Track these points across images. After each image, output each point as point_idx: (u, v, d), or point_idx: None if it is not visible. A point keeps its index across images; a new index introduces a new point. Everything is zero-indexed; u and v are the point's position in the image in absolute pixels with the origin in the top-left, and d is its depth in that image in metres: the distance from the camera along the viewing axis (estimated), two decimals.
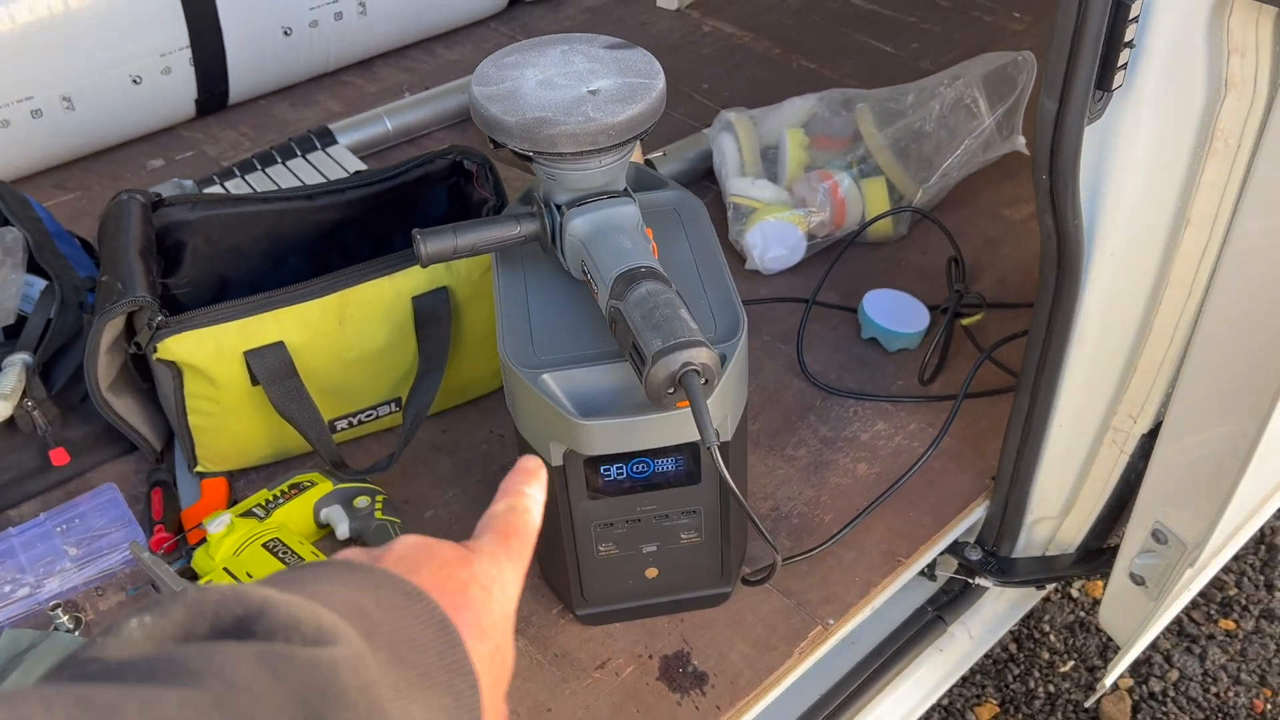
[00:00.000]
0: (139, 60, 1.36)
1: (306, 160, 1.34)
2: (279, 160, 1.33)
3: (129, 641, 0.28)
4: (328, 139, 1.37)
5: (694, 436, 0.71)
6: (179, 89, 1.42)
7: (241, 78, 1.48)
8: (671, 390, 0.66)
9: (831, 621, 0.83)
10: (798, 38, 1.66)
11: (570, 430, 0.70)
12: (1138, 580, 0.82)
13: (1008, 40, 1.61)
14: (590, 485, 0.75)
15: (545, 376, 0.71)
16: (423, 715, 0.31)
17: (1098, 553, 0.91)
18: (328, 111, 1.54)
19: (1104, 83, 0.65)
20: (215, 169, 1.37)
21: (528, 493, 0.43)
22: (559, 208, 0.76)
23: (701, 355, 0.65)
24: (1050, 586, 0.96)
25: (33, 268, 1.01)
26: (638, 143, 0.76)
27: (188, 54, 1.39)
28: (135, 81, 1.37)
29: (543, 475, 0.44)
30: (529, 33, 1.72)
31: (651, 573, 0.81)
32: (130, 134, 1.44)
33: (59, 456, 0.94)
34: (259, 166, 1.29)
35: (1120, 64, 0.64)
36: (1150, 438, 0.82)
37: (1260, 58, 0.64)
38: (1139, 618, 0.84)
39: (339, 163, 1.33)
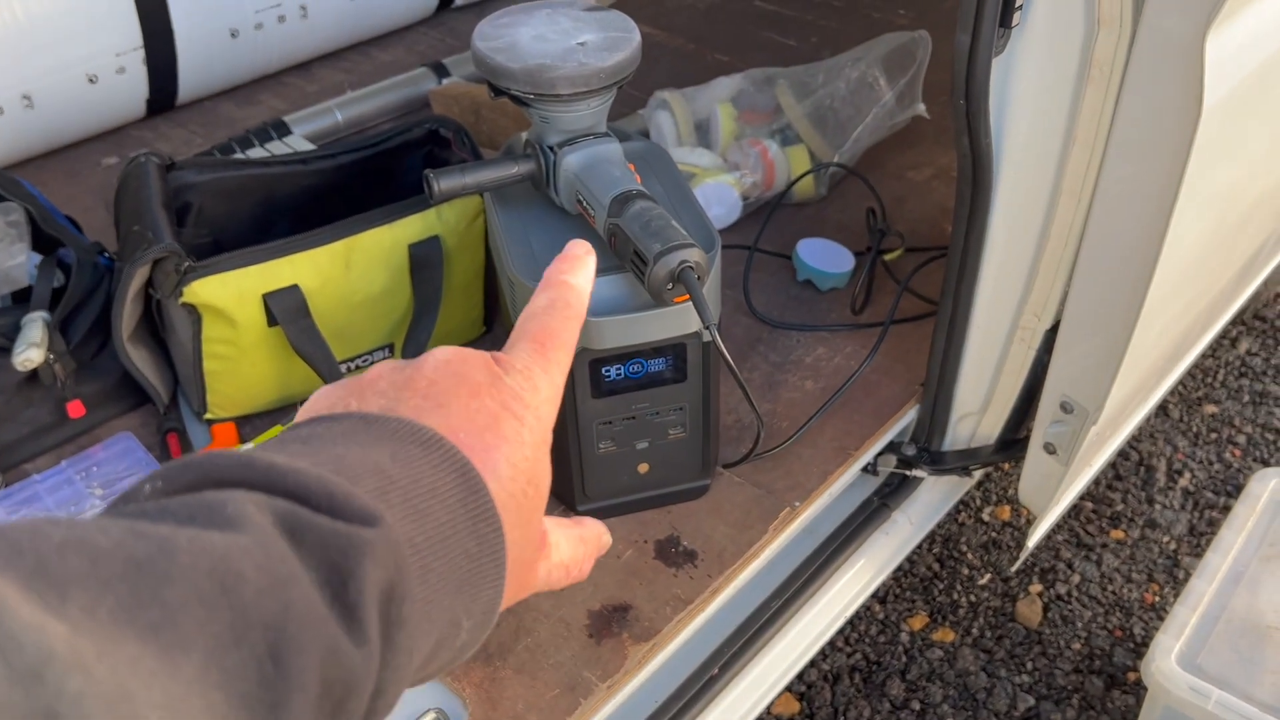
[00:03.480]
0: (95, 60, 1.42)
1: (265, 149, 1.42)
2: (239, 150, 1.41)
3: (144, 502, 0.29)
4: (283, 130, 1.45)
5: (689, 329, 0.83)
6: (132, 88, 1.49)
7: (190, 78, 1.54)
8: (670, 286, 0.78)
9: (797, 503, 0.96)
10: (709, 34, 1.82)
11: (584, 328, 0.81)
12: (1050, 450, 0.98)
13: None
14: (593, 386, 0.86)
15: None
16: (439, 565, 0.32)
17: (1012, 442, 1.07)
18: (272, 110, 1.61)
19: (1005, 21, 0.80)
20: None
21: (572, 283, 0.41)
22: (551, 149, 0.88)
23: (694, 255, 0.78)
24: (979, 473, 1.11)
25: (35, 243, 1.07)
26: (615, 89, 0.88)
27: (141, 54, 1.46)
28: (91, 81, 1.43)
29: (590, 261, 0.41)
30: (456, 36, 1.83)
31: (643, 468, 0.93)
32: (85, 132, 1.50)
33: (75, 409, 1.01)
34: (237, 149, 1.37)
35: (1017, 5, 0.79)
36: (1052, 333, 0.98)
37: None
38: (1053, 485, 0.99)
39: (295, 150, 1.42)
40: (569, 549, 0.41)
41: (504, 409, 0.36)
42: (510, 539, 0.35)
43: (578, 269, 0.40)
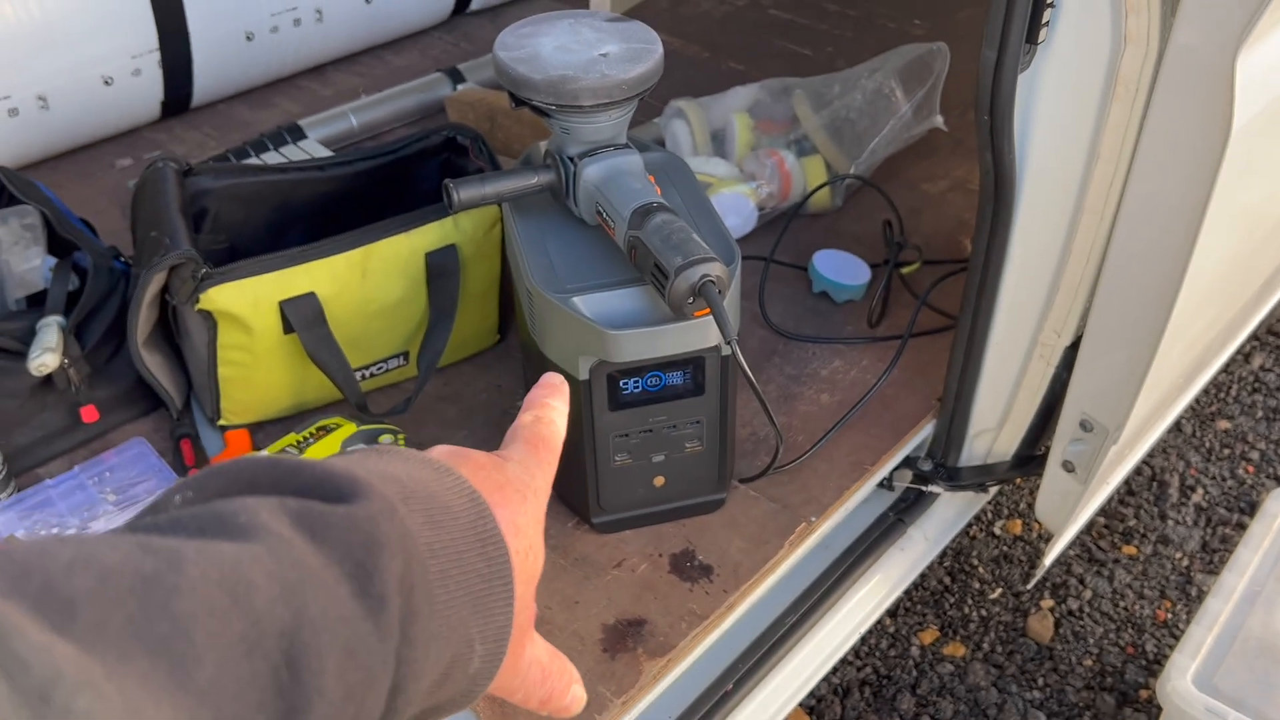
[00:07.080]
0: (111, 62, 1.42)
1: (280, 154, 1.41)
2: (254, 154, 1.40)
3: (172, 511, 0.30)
4: (298, 134, 1.45)
5: (708, 343, 0.82)
6: (147, 91, 1.48)
7: (205, 80, 1.54)
8: (691, 300, 0.77)
9: (813, 518, 0.95)
10: (723, 43, 1.81)
11: (602, 342, 0.80)
12: (1069, 468, 0.97)
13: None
14: (611, 399, 0.86)
15: (575, 299, 0.82)
16: (456, 573, 0.33)
17: (1029, 458, 1.06)
18: (286, 113, 1.61)
19: (1032, 36, 0.79)
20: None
21: (552, 404, 0.44)
22: (571, 160, 0.87)
23: (716, 269, 0.77)
24: (993, 490, 1.10)
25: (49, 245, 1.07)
26: (637, 101, 0.88)
27: (157, 56, 1.46)
28: (107, 82, 1.43)
29: (565, 391, 0.46)
30: (471, 41, 1.83)
31: (659, 481, 0.92)
32: (100, 134, 1.50)
33: (89, 414, 1.00)
34: (251, 153, 1.37)
35: (1044, 21, 0.79)
36: (1072, 350, 0.97)
37: (1151, 15, 0.79)
38: (1071, 503, 0.98)
39: (311, 155, 1.41)
40: (546, 652, 0.41)
41: (508, 482, 0.39)
42: (514, 591, 0.36)
43: (556, 396, 0.45)
